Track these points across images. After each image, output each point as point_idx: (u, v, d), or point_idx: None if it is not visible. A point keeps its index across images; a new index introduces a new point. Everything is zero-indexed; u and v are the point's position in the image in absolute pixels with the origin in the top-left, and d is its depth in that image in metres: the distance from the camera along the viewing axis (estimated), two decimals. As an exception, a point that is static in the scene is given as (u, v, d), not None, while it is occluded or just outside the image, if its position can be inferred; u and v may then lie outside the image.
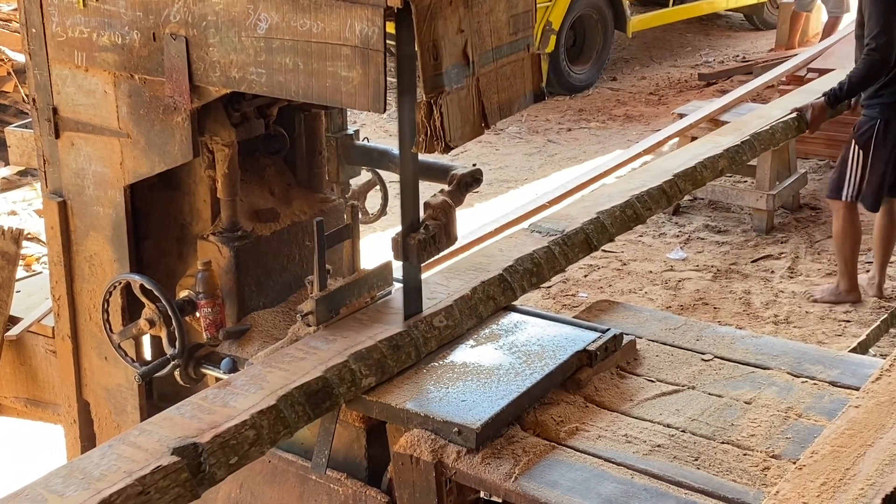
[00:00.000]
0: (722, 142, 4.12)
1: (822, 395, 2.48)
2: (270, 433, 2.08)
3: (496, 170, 7.47)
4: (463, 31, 2.31)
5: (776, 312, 5.07)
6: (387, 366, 2.38)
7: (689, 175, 3.66)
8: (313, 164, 3.03)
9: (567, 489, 2.14)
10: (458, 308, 2.59)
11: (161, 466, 1.88)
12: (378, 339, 2.41)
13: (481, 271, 2.76)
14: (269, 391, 2.15)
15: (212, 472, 1.94)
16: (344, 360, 2.30)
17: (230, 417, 2.05)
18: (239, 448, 2.01)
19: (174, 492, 1.87)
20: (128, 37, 2.59)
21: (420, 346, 2.48)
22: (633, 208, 3.28)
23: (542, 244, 2.93)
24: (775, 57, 9.41)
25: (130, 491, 1.81)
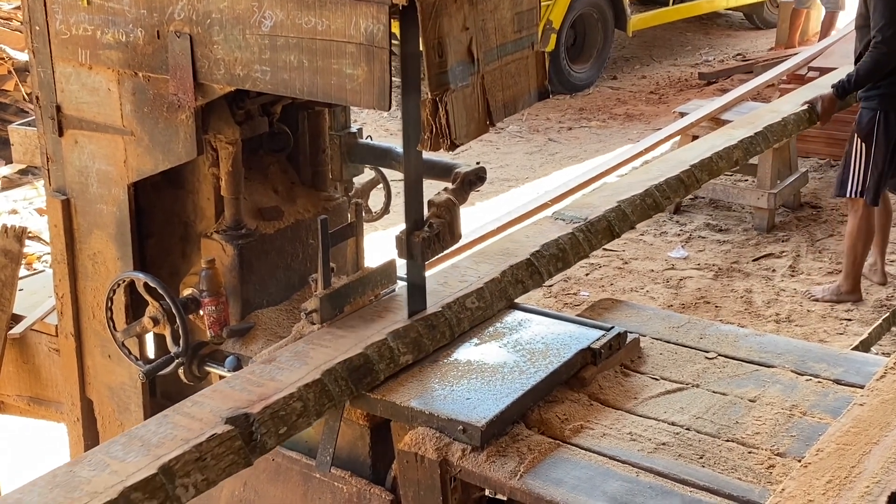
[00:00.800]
0: (736, 134, 4.23)
1: (827, 393, 2.48)
2: (316, 405, 2.18)
3: (497, 168, 7.47)
4: (468, 29, 2.30)
5: (778, 311, 5.08)
6: (423, 344, 2.47)
7: (705, 165, 3.78)
8: (317, 163, 3.03)
9: (572, 487, 2.14)
10: (489, 290, 2.67)
11: (216, 434, 1.98)
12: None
13: (510, 256, 2.83)
14: (314, 366, 2.26)
15: (263, 440, 2.04)
16: (383, 338, 2.39)
17: (278, 390, 2.15)
18: (288, 419, 2.11)
19: (228, 458, 1.98)
20: (132, 34, 2.59)
21: (454, 325, 2.55)
22: (652, 197, 3.38)
23: (566, 231, 3.01)
24: (775, 56, 9.42)
25: (188, 457, 1.91)
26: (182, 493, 1.87)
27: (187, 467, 1.90)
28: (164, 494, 1.84)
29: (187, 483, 1.89)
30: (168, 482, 1.86)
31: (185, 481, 1.88)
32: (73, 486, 1.84)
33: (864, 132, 4.90)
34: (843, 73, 5.10)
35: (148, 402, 2.92)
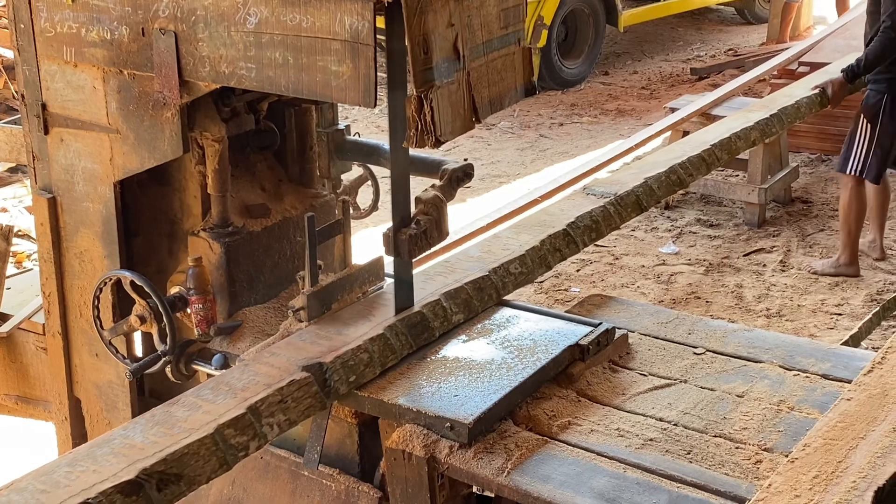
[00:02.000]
0: (752, 116, 4.48)
1: (815, 387, 2.48)
2: (380, 357, 2.38)
3: (488, 165, 7.47)
4: (453, 25, 2.30)
5: (768, 306, 5.08)
6: (472, 305, 2.64)
7: (724, 145, 4.04)
8: (304, 160, 3.02)
9: (560, 483, 2.13)
10: (530, 257, 2.84)
11: (295, 380, 2.19)
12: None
13: (547, 227, 3.01)
14: (377, 322, 2.46)
15: (336, 387, 2.25)
16: (437, 299, 2.56)
17: (346, 343, 2.35)
18: (356, 368, 2.31)
19: (307, 402, 2.19)
20: (116, 32, 2.58)
21: (500, 288, 2.73)
22: (676, 174, 3.61)
23: (598, 204, 3.19)
24: (767, 51, 9.42)
25: (272, 399, 2.12)
26: (268, 431, 2.09)
27: (272, 408, 2.11)
28: (253, 431, 2.06)
29: (272, 422, 2.10)
30: (256, 421, 2.06)
31: (270, 420, 2.09)
32: (171, 423, 2.04)
33: (870, 114, 5.06)
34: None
35: (136, 400, 2.92)
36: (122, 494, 1.81)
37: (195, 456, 1.94)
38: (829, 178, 6.68)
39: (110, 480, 1.83)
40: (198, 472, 1.94)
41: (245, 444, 2.05)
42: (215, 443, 1.98)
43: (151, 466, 1.88)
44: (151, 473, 1.87)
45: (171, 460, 1.91)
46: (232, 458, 2.00)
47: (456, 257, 2.87)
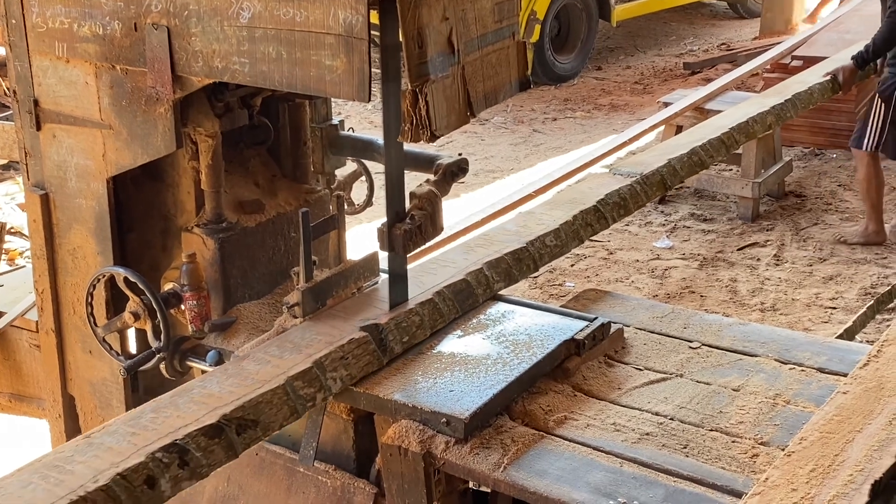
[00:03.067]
0: (767, 102, 4.71)
1: (810, 381, 2.48)
2: (430, 319, 2.54)
3: (482, 160, 7.46)
4: (448, 19, 2.29)
5: (762, 300, 5.09)
6: (512, 274, 2.79)
7: (742, 128, 4.29)
8: (298, 155, 3.01)
9: (556, 478, 2.13)
10: (564, 231, 3.00)
11: (355, 339, 2.36)
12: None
13: (578, 203, 3.17)
14: (426, 288, 2.61)
15: (391, 346, 2.42)
16: (479, 268, 2.70)
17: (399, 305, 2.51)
18: (409, 329, 2.47)
19: (366, 359, 2.36)
20: (109, 27, 2.56)
21: (536, 259, 2.88)
22: (697, 155, 3.83)
23: (625, 183, 3.36)
24: (759, 45, 9.43)
25: (334, 355, 2.30)
26: (332, 384, 2.27)
27: (334, 364, 2.28)
28: (319, 384, 2.24)
29: (335, 377, 2.27)
30: (321, 374, 2.24)
31: (333, 375, 2.27)
32: (244, 375, 2.20)
33: (886, 94, 5.27)
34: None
35: (130, 397, 2.90)
36: (206, 437, 1.99)
37: (269, 404, 2.12)
38: (822, 172, 6.69)
39: (194, 424, 2.00)
40: (272, 418, 2.12)
41: (312, 396, 2.22)
42: (286, 393, 2.16)
43: (231, 413, 2.05)
44: (231, 419, 2.04)
45: (248, 407, 2.08)
46: (301, 408, 2.19)
47: (494, 231, 3.04)
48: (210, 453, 1.98)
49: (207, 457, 1.97)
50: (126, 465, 1.87)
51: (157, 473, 1.89)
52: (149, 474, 1.87)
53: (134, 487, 1.84)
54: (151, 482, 1.87)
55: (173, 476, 1.91)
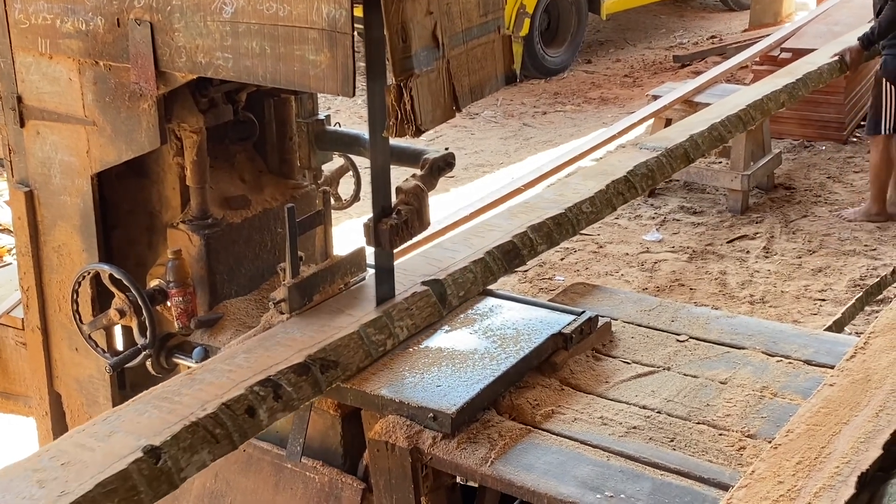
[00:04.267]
0: (780, 82, 5.05)
1: (798, 373, 2.48)
2: (483, 276, 2.74)
3: (472, 154, 7.45)
4: (432, 13, 2.28)
5: (752, 292, 5.09)
6: (553, 237, 3.00)
7: (757, 105, 4.62)
8: (284, 150, 3.00)
9: (543, 472, 2.13)
10: (598, 199, 3.21)
11: (416, 292, 2.56)
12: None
13: (609, 175, 3.41)
14: (476, 248, 2.81)
15: (450, 300, 2.63)
16: (524, 231, 2.90)
17: (454, 263, 2.73)
18: (464, 285, 2.67)
19: (427, 311, 2.57)
20: (92, 23, 2.55)
21: (575, 225, 3.08)
22: (717, 131, 4.15)
23: (652, 156, 3.62)
24: (749, 37, 9.43)
25: (400, 306, 2.51)
26: (399, 332, 2.48)
27: (401, 314, 2.50)
28: (389, 331, 2.45)
29: (402, 326, 2.49)
30: (390, 323, 2.46)
31: (400, 324, 2.49)
32: (321, 324, 2.42)
33: (892, 76, 5.45)
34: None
35: (116, 394, 2.89)
36: (295, 374, 2.21)
37: (346, 347, 2.35)
38: (811, 164, 6.69)
39: (284, 363, 2.23)
40: (349, 360, 2.34)
41: (383, 342, 2.43)
42: (360, 338, 2.39)
43: (315, 353, 2.28)
44: (315, 359, 2.27)
45: (329, 349, 2.31)
46: (374, 351, 2.40)
47: (534, 199, 3.30)
48: (299, 388, 2.21)
49: (297, 391, 2.20)
50: (229, 397, 2.09)
51: (255, 404, 2.11)
52: (249, 405, 2.10)
53: (237, 416, 2.07)
54: (251, 411, 2.10)
55: (269, 407, 2.14)
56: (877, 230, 5.69)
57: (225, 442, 2.04)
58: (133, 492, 1.86)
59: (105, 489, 1.82)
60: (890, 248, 5.49)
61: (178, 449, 1.95)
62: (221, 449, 2.03)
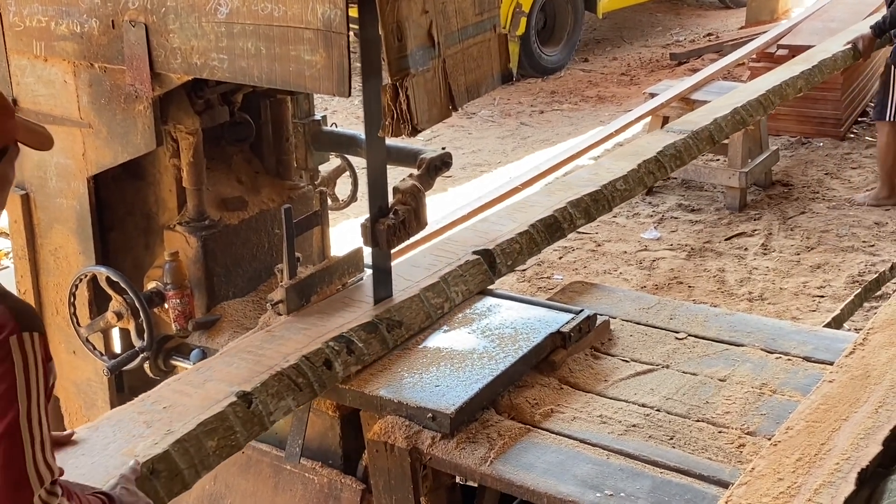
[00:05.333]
0: (796, 68, 5.28)
1: (797, 370, 2.47)
2: (528, 247, 2.95)
3: (469, 154, 7.44)
4: (427, 13, 2.27)
5: (750, 289, 5.08)
6: (591, 212, 3.20)
7: (776, 91, 4.87)
8: (281, 151, 2.99)
9: (543, 471, 2.12)
10: (631, 177, 3.44)
11: (469, 261, 2.77)
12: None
13: (640, 155, 3.64)
14: (521, 222, 3.01)
15: (499, 267, 2.84)
16: (564, 206, 3.11)
17: (501, 235, 2.93)
18: (512, 254, 2.88)
19: (479, 277, 2.77)
20: (86, 25, 2.54)
21: (610, 201, 3.29)
22: (740, 115, 4.43)
23: (679, 137, 3.90)
24: (745, 34, 9.42)
25: (455, 273, 2.72)
26: (455, 296, 2.68)
27: (455, 279, 2.70)
28: (446, 295, 2.66)
29: (457, 290, 2.69)
30: (446, 287, 2.66)
31: (455, 288, 2.68)
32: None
33: None
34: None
35: (115, 397, 2.88)
36: (365, 331, 2.42)
37: (408, 309, 2.55)
38: (809, 161, 6.69)
39: (354, 322, 2.44)
40: (412, 320, 2.54)
41: (440, 305, 2.64)
42: (421, 301, 2.59)
43: (381, 314, 2.50)
44: (382, 319, 2.48)
45: (393, 310, 2.52)
46: (434, 314, 2.60)
47: (570, 177, 3.53)
48: (369, 344, 2.41)
49: (367, 347, 2.40)
50: (308, 350, 2.30)
51: (332, 357, 2.32)
52: (326, 358, 2.31)
53: (316, 367, 2.28)
54: (328, 364, 2.31)
55: (344, 360, 2.34)
56: (875, 226, 5.69)
57: (307, 390, 2.25)
58: (230, 431, 2.07)
59: (206, 428, 2.03)
60: (888, 243, 5.48)
61: (266, 395, 2.16)
62: (304, 396, 2.24)
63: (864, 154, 6.67)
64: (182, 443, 1.99)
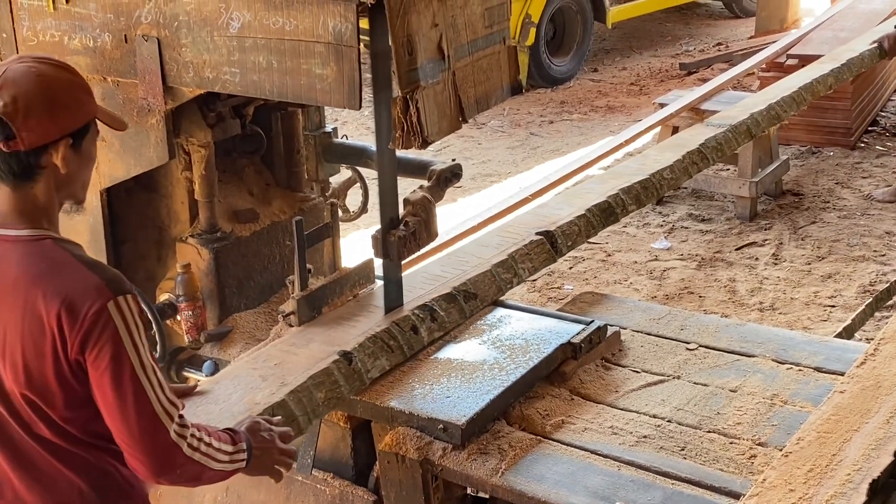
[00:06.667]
0: (825, 67, 5.48)
1: (808, 381, 2.47)
2: (586, 229, 3.19)
3: (479, 164, 7.45)
4: (437, 26, 2.29)
5: (761, 299, 5.07)
6: (641, 199, 3.44)
7: (808, 88, 5.15)
8: (292, 164, 3.01)
9: (554, 483, 2.13)
10: (677, 167, 3.72)
11: (533, 241, 2.98)
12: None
13: (684, 147, 3.96)
14: (577, 207, 3.23)
15: (560, 247, 3.05)
16: (616, 192, 3.33)
17: (560, 218, 3.14)
18: (571, 236, 3.11)
19: (543, 255, 2.99)
20: (99, 39, 2.56)
21: (658, 189, 3.56)
22: (774, 110, 4.72)
23: (719, 131, 4.24)
24: (755, 44, 9.42)
25: (521, 252, 2.93)
26: (523, 273, 2.91)
27: (522, 258, 2.91)
28: (514, 271, 2.86)
29: (524, 268, 2.92)
30: (514, 265, 2.87)
31: (522, 266, 2.91)
32: (457, 265, 2.84)
33: None
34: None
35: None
36: (446, 301, 2.65)
37: (482, 283, 2.76)
38: (819, 170, 6.68)
39: (435, 293, 2.67)
40: (485, 293, 2.76)
41: (510, 280, 2.85)
42: (492, 275, 2.80)
43: (459, 286, 2.70)
44: (459, 290, 2.70)
45: (469, 283, 2.74)
46: (504, 287, 2.82)
47: (619, 167, 3.79)
48: (449, 313, 2.63)
49: (448, 315, 2.63)
50: (397, 317, 2.53)
51: (417, 324, 2.56)
52: (413, 324, 2.55)
53: (404, 332, 2.52)
54: (415, 329, 2.55)
55: (427, 327, 2.58)
56: (886, 236, 5.67)
57: (398, 352, 2.48)
58: (336, 385, 2.31)
59: (315, 381, 2.28)
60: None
61: (364, 354, 2.40)
62: (395, 357, 2.46)
63: (874, 163, 6.65)
64: (296, 393, 2.24)
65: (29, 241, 1.68)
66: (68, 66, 1.74)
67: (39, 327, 1.62)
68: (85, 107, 1.71)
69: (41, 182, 1.69)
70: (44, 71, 1.67)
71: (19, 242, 1.68)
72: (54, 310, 1.61)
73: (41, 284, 1.63)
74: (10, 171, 1.66)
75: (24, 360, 1.64)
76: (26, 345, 1.63)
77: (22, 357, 1.64)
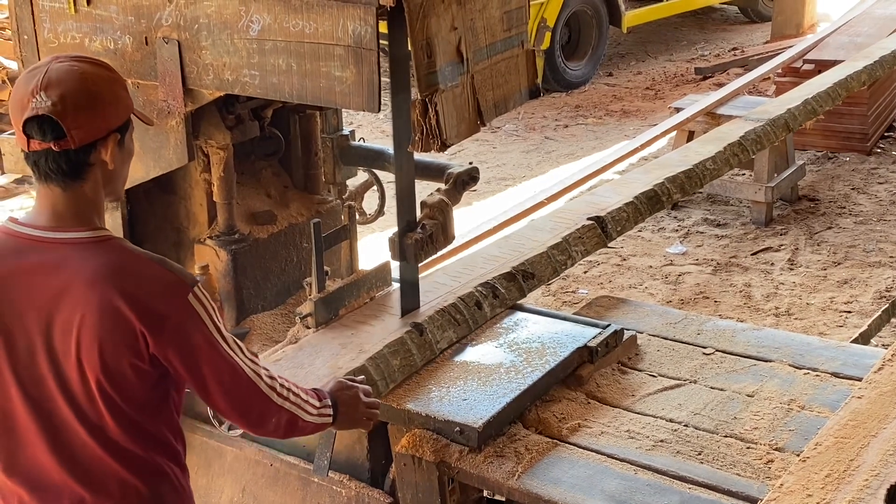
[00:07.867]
0: (858, 65, 5.72)
1: (825, 386, 2.47)
2: (634, 216, 3.36)
3: (494, 168, 7.45)
4: (456, 29, 2.29)
5: (777, 305, 5.06)
6: (685, 188, 3.68)
7: (842, 84, 5.36)
8: (309, 166, 3.02)
9: (570, 486, 2.13)
10: (718, 158, 3.95)
11: (585, 225, 3.17)
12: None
13: (724, 140, 4.20)
14: (625, 195, 3.42)
15: (610, 232, 3.24)
16: (661, 181, 3.54)
17: (610, 205, 3.33)
18: (620, 221, 3.29)
19: (595, 239, 3.18)
20: (120, 41, 2.58)
21: (702, 178, 3.83)
22: (810, 105, 5.02)
23: (758, 125, 4.54)
24: (771, 49, 9.40)
25: (575, 234, 3.12)
26: (576, 255, 3.11)
27: (575, 241, 3.10)
28: (568, 253, 3.06)
29: (577, 250, 3.10)
30: (568, 247, 3.06)
31: (575, 249, 3.09)
32: (514, 246, 3.07)
33: None
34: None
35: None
36: (506, 280, 2.82)
37: (539, 263, 2.94)
38: (835, 176, 6.66)
39: (496, 272, 2.84)
40: (541, 273, 2.95)
41: (564, 261, 3.04)
42: (548, 257, 2.98)
43: (518, 265, 2.89)
44: (518, 270, 2.87)
45: (527, 263, 2.91)
46: (559, 268, 3.02)
47: (663, 158, 4.04)
48: (509, 290, 2.80)
49: (508, 292, 2.80)
50: (462, 293, 2.71)
51: (481, 299, 2.72)
52: (477, 299, 2.71)
53: (469, 306, 2.69)
54: (479, 305, 2.71)
55: (490, 303, 2.73)
56: (902, 241, 5.65)
57: (464, 325, 2.65)
58: (409, 354, 2.49)
59: (391, 349, 2.46)
60: (916, 259, 5.45)
61: (434, 326, 2.57)
62: (462, 330, 2.64)
63: (890, 169, 6.63)
64: (374, 359, 2.41)
65: (92, 243, 1.70)
66: (105, 63, 1.77)
67: (117, 325, 1.65)
68: (125, 102, 1.75)
69: (90, 180, 1.71)
70: (85, 69, 1.69)
71: (82, 244, 1.70)
72: (135, 308, 1.66)
73: (117, 284, 1.66)
74: (61, 170, 1.68)
75: (102, 358, 1.67)
76: (104, 343, 1.66)
77: (99, 355, 1.66)
